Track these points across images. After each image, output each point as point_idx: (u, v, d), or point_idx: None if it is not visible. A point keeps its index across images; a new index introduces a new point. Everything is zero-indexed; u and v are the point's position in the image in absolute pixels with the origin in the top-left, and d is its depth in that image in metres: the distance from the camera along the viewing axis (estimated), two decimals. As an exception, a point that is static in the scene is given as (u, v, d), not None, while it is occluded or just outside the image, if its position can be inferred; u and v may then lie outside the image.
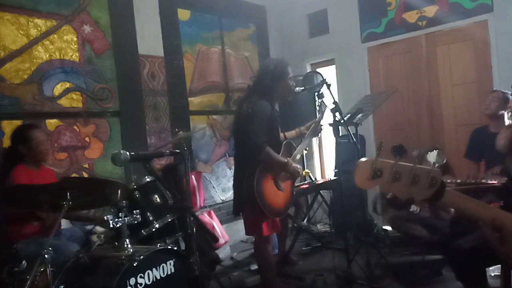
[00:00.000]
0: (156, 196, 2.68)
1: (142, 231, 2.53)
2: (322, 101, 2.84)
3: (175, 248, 2.31)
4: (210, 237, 2.76)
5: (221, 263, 3.66)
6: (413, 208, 3.30)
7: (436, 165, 0.95)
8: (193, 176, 3.60)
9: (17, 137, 2.63)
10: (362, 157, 3.60)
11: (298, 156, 2.83)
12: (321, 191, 4.29)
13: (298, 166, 2.76)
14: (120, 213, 2.09)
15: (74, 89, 3.33)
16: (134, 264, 1.90)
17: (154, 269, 2.01)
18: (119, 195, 2.12)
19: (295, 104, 3.65)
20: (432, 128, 4.27)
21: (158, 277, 2.02)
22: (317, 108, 2.94)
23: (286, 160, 2.66)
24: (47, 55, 3.19)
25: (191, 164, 4.10)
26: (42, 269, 1.80)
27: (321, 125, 2.98)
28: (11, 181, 2.40)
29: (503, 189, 2.17)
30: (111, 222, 2.05)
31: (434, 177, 0.93)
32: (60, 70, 3.25)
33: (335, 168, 4.00)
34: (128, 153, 1.75)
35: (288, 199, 2.78)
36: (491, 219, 0.98)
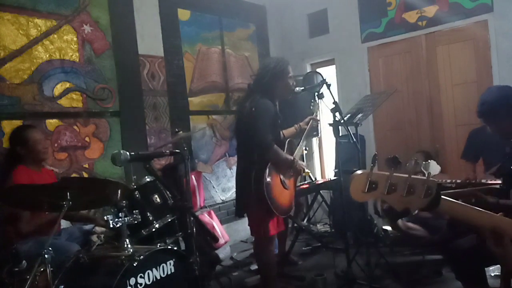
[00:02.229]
0: (156, 196, 2.68)
1: (142, 231, 2.54)
2: (313, 101, 2.87)
3: (175, 248, 2.31)
4: (210, 237, 2.75)
5: (221, 263, 3.66)
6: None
7: (432, 174, 0.97)
8: (193, 176, 3.61)
9: (14, 139, 2.64)
10: (362, 157, 3.60)
11: (298, 154, 2.85)
12: (321, 191, 4.30)
13: (303, 163, 2.79)
14: (120, 213, 2.09)
15: (74, 89, 3.33)
16: (134, 264, 1.90)
17: (154, 269, 2.01)
18: (119, 195, 2.12)
19: (295, 104, 3.66)
20: (432, 128, 4.28)
21: (158, 277, 2.02)
22: (311, 108, 2.97)
23: (292, 158, 2.68)
24: (47, 55, 3.19)
25: (191, 164, 4.11)
26: (42, 269, 1.80)
27: (318, 120, 3.01)
28: (11, 182, 2.39)
29: (499, 190, 2.17)
30: (111, 222, 2.05)
31: (429, 186, 0.94)
32: (60, 70, 3.25)
33: (335, 168, 4.00)
34: (128, 153, 1.75)
35: (292, 197, 2.81)
36: (491, 226, 0.98)
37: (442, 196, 0.97)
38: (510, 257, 1.00)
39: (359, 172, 0.97)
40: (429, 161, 2.02)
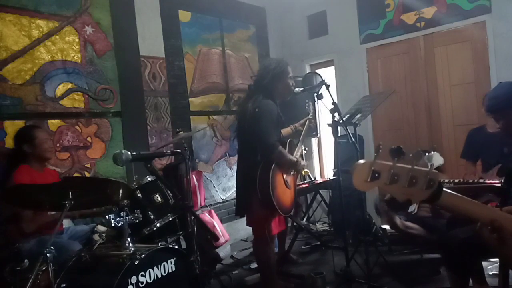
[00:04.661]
0: (157, 195, 2.70)
1: (144, 230, 2.56)
2: (308, 101, 2.91)
3: (176, 247, 2.34)
4: (211, 236, 2.79)
5: (222, 262, 3.69)
6: (411, 208, 3.33)
7: (434, 166, 0.95)
8: (193, 176, 3.63)
9: (20, 137, 2.66)
10: (361, 157, 3.64)
11: (298, 154, 2.87)
12: (320, 191, 4.33)
13: (305, 163, 2.84)
14: (122, 212, 2.11)
15: (76, 89, 3.36)
16: (136, 263, 1.91)
17: (155, 268, 2.03)
18: (120, 194, 2.14)
19: (294, 104, 3.68)
20: (430, 128, 4.30)
21: (159, 276, 2.04)
22: (306, 108, 3.01)
23: (296, 159, 2.72)
24: (49, 56, 3.21)
25: (192, 164, 4.13)
26: (44, 268, 1.81)
27: (314, 121, 3.04)
28: (11, 181, 2.41)
29: (500, 189, 2.20)
30: (112, 221, 2.07)
31: (431, 178, 0.93)
32: (62, 71, 3.27)
33: (334, 168, 4.03)
34: (129, 153, 1.77)
35: (294, 197, 2.84)
36: (490, 220, 0.97)
37: (444, 189, 0.96)
38: (507, 251, 1.00)
39: (362, 161, 0.95)
40: (432, 152, 1.99)
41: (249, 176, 2.63)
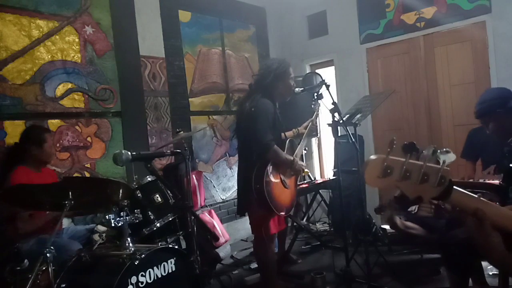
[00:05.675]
0: (157, 195, 2.71)
1: (144, 230, 2.56)
2: (315, 99, 2.89)
3: (176, 247, 2.34)
4: (211, 236, 2.80)
5: (222, 262, 3.69)
6: (411, 207, 3.33)
7: (446, 163, 0.94)
8: (193, 176, 3.63)
9: (29, 137, 2.65)
10: (361, 157, 3.60)
11: (299, 154, 2.87)
12: (320, 191, 4.33)
13: (303, 163, 2.81)
14: (122, 213, 2.12)
15: (76, 89, 3.36)
16: (136, 263, 1.92)
17: (155, 268, 2.03)
18: (120, 194, 2.14)
19: (294, 104, 3.68)
20: (430, 128, 4.30)
21: (159, 276, 2.04)
22: (312, 106, 2.99)
23: (292, 158, 2.71)
24: (49, 56, 3.21)
25: (192, 163, 4.13)
26: (44, 268, 1.81)
27: (317, 124, 3.03)
28: (9, 183, 2.41)
29: (499, 187, 2.20)
30: (112, 221, 2.07)
31: (443, 175, 0.92)
32: (62, 71, 3.27)
33: (334, 168, 4.03)
34: (129, 153, 1.78)
35: (293, 197, 2.83)
36: (474, 208, 0.97)
37: (454, 187, 0.95)
38: (489, 246, 0.98)
39: (374, 156, 0.92)
40: (444, 149, 1.95)
41: (246, 175, 2.64)
